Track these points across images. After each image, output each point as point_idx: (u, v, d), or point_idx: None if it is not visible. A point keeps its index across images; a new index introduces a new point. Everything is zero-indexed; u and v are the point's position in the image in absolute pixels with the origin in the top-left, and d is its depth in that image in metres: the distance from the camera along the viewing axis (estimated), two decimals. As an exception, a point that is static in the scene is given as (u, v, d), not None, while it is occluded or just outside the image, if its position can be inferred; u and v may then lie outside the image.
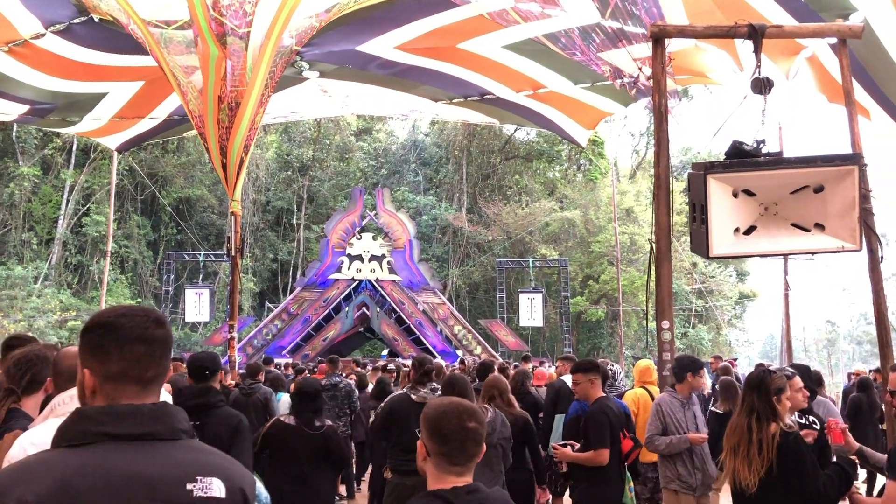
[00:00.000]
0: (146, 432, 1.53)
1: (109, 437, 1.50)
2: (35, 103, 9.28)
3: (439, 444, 2.14)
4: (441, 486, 2.11)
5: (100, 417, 1.52)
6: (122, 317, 1.64)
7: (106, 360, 1.59)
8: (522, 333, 28.18)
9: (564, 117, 10.35)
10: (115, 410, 1.53)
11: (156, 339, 1.63)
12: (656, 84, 4.31)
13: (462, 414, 2.18)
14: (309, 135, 39.93)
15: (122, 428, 1.51)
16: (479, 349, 23.13)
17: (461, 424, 2.15)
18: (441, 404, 2.25)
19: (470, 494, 2.09)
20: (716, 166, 3.90)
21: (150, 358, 1.61)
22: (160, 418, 1.56)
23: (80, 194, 32.54)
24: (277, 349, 23.13)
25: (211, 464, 1.59)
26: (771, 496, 3.61)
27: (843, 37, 4.51)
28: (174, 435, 1.57)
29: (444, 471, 2.14)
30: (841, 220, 3.87)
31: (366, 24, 8.02)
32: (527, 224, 34.99)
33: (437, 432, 2.15)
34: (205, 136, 7.73)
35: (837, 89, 5.51)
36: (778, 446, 3.59)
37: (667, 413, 5.47)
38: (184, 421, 1.61)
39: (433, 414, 2.20)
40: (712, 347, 34.92)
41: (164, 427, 1.56)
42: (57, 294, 29.25)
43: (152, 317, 1.66)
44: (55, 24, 7.84)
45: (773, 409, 3.70)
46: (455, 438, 2.14)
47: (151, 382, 1.62)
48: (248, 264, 35.01)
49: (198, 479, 1.53)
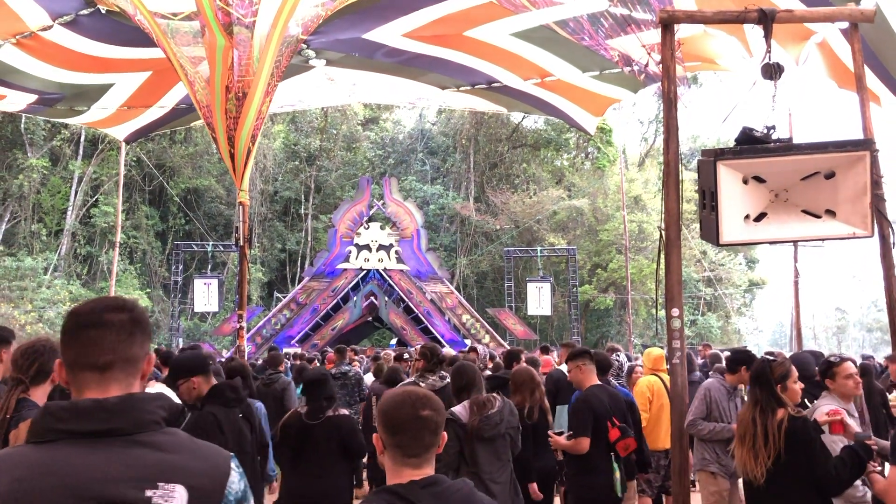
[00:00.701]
0: (109, 429, 1.48)
1: (70, 435, 1.47)
2: (43, 93, 9.30)
3: (392, 435, 2.05)
4: (398, 481, 2.01)
5: (62, 414, 1.49)
6: (86, 304, 1.63)
7: (65, 347, 1.59)
8: (531, 322, 28.20)
9: (572, 105, 10.29)
10: (78, 407, 1.50)
11: (111, 324, 1.58)
12: (665, 70, 4.27)
13: (416, 402, 2.08)
14: (316, 124, 39.93)
15: (82, 425, 1.48)
16: (487, 338, 23.16)
17: (414, 413, 2.06)
18: (395, 394, 2.15)
19: (426, 488, 1.99)
20: (726, 153, 3.87)
21: (101, 342, 1.56)
22: (124, 412, 1.50)
23: (88, 185, 32.65)
24: (286, 339, 23.22)
25: (177, 466, 1.51)
26: (780, 484, 3.62)
27: (855, 21, 4.46)
28: (141, 427, 1.51)
29: (400, 463, 2.05)
30: (852, 206, 3.83)
31: (372, 12, 7.98)
32: (534, 213, 34.94)
33: (390, 423, 2.06)
34: (212, 126, 7.73)
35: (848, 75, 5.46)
36: (786, 431, 3.59)
37: (714, 399, 5.51)
38: (156, 411, 1.55)
39: (386, 404, 2.11)
40: (721, 336, 34.89)
41: (129, 421, 1.50)
42: (67, 285, 29.39)
43: (113, 303, 1.63)
44: (62, 16, 7.84)
45: (777, 398, 3.70)
46: (409, 428, 2.04)
47: (109, 368, 1.56)
48: (257, 254, 35.11)
49: (159, 485, 1.47)
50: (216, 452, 1.63)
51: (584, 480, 5.14)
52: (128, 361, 1.59)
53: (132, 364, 1.61)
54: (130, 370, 1.60)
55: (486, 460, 4.57)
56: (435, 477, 2.05)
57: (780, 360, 3.95)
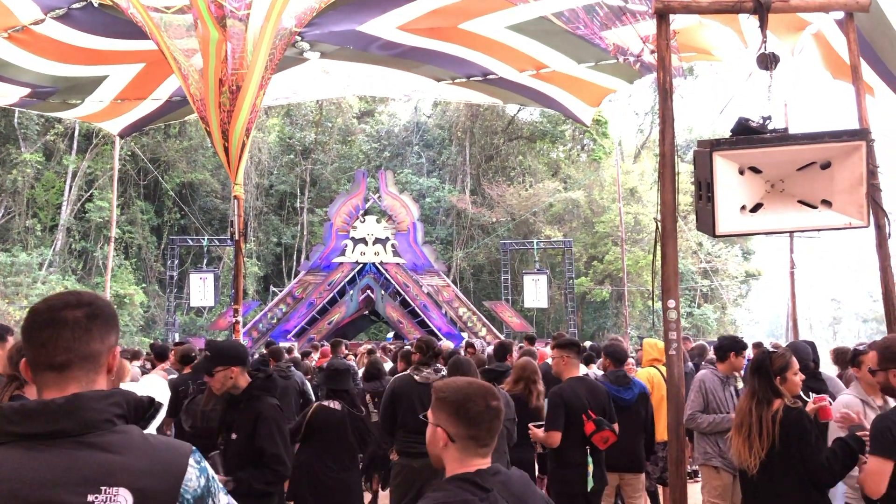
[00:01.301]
0: (53, 430, 1.45)
1: (18, 437, 1.45)
2: (36, 87, 9.26)
3: (467, 427, 2.04)
4: (465, 470, 2.02)
5: (12, 416, 1.47)
6: (43, 302, 1.60)
7: (25, 346, 1.57)
8: (527, 315, 28.22)
9: (568, 95, 10.27)
10: (26, 408, 1.47)
11: (65, 322, 1.54)
12: (661, 61, 4.26)
13: (486, 394, 2.10)
14: (311, 118, 39.82)
15: (28, 427, 1.45)
16: (483, 331, 23.18)
17: (487, 404, 2.07)
18: (460, 386, 2.14)
19: (495, 476, 2.03)
20: (722, 143, 3.86)
21: (56, 342, 1.53)
22: (70, 413, 1.47)
23: (82, 180, 32.55)
24: (282, 333, 23.20)
25: (122, 468, 1.47)
26: (774, 474, 3.64)
27: (850, 10, 4.45)
28: (88, 428, 1.48)
29: (472, 454, 2.05)
30: (848, 197, 3.83)
31: (367, 4, 7.95)
32: (531, 205, 34.92)
33: (465, 415, 2.05)
34: (206, 119, 7.70)
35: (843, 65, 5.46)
36: (780, 422, 3.61)
37: (710, 390, 5.45)
38: (107, 409, 1.51)
39: (456, 396, 2.09)
40: (718, 327, 34.95)
41: (75, 422, 1.47)
42: (62, 280, 29.33)
43: (70, 300, 1.59)
44: (54, 10, 7.79)
45: (774, 389, 3.72)
46: (484, 419, 2.05)
47: (67, 367, 1.53)
48: (252, 248, 35.06)
49: (102, 489, 1.44)
50: (172, 449, 1.59)
51: (558, 474, 5.13)
52: (86, 359, 1.56)
53: (91, 361, 1.57)
54: (90, 367, 1.57)
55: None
56: (497, 466, 2.09)
57: (781, 351, 3.96)
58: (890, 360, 3.46)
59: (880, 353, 3.54)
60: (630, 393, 5.96)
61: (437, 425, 2.09)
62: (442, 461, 2.10)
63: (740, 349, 5.66)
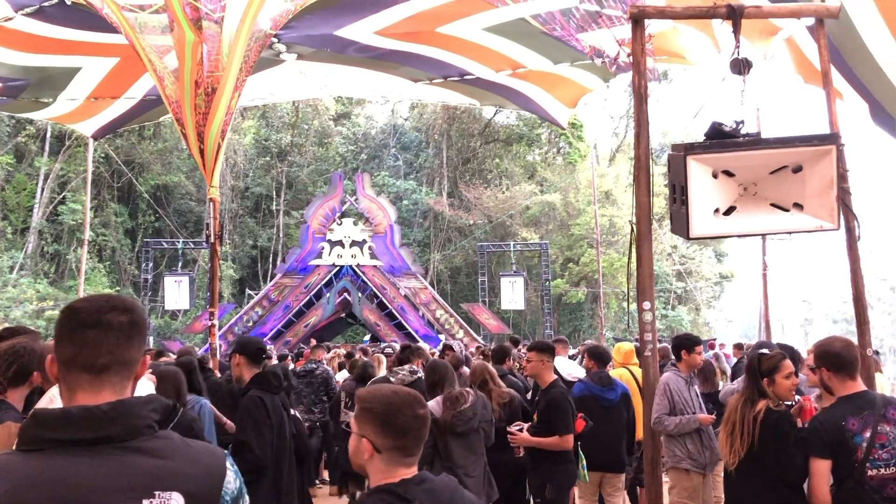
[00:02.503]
0: (100, 437, 1.45)
1: (61, 444, 1.43)
2: (6, 80, 9.09)
3: (395, 438, 1.99)
4: (389, 481, 1.97)
5: (52, 422, 1.45)
6: (84, 301, 1.59)
7: (61, 344, 1.54)
8: (504, 316, 28.29)
9: (545, 94, 10.32)
10: (68, 415, 1.46)
11: (110, 325, 1.54)
12: (636, 66, 4.31)
13: (413, 403, 2.04)
14: (287, 120, 39.64)
15: (73, 433, 1.44)
16: (461, 333, 23.20)
17: (414, 413, 2.02)
18: (385, 395, 2.07)
19: (420, 485, 1.96)
20: (696, 147, 3.91)
21: (100, 344, 1.52)
22: (116, 419, 1.46)
23: (55, 182, 32.12)
24: (259, 336, 23.05)
25: (173, 473, 1.49)
26: (750, 473, 3.70)
27: (821, 17, 4.53)
28: (133, 434, 1.48)
29: (397, 464, 2.00)
30: (819, 200, 3.90)
31: (344, 9, 7.94)
32: (507, 207, 35.03)
33: (392, 425, 1.99)
34: (182, 121, 7.64)
35: (814, 70, 5.55)
36: (761, 423, 3.67)
37: (674, 391, 5.41)
38: (148, 415, 1.51)
39: (382, 407, 2.02)
40: (692, 328, 35.24)
41: (121, 428, 1.46)
42: (33, 283, 28.91)
43: (113, 303, 1.58)
44: (25, 8, 7.69)
45: (760, 390, 3.78)
46: (411, 429, 2.00)
47: (105, 371, 1.53)
48: (228, 251, 34.81)
49: (156, 493, 1.45)
50: (211, 453, 1.61)
51: (561, 469, 5.23)
52: (124, 364, 1.56)
53: (128, 367, 1.58)
54: (125, 373, 1.57)
55: (460, 454, 4.60)
56: (423, 474, 2.03)
57: (772, 353, 3.99)
58: (821, 359, 3.56)
59: (815, 354, 3.65)
60: (613, 393, 6.03)
61: (363, 436, 2.02)
62: (366, 472, 2.05)
63: (692, 346, 5.70)
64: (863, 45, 5.77)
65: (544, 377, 5.38)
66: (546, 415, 5.22)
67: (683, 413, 5.35)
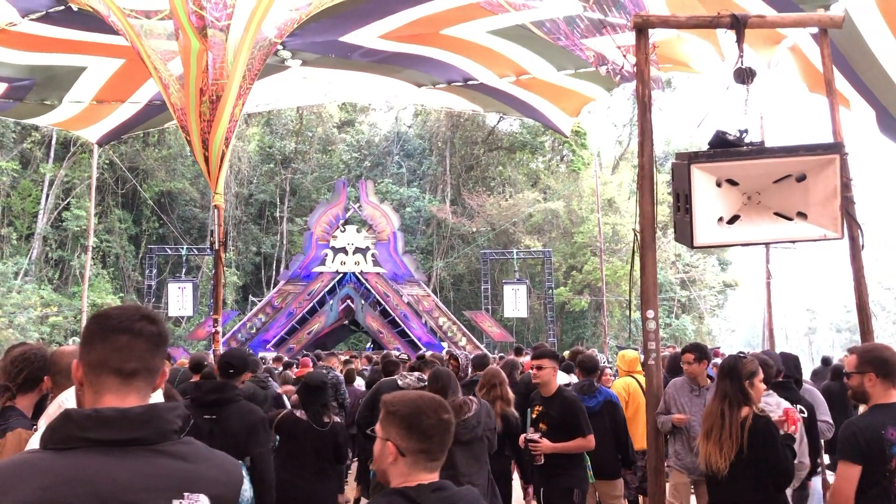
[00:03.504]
0: (132, 438, 1.50)
1: (92, 443, 1.47)
2: (12, 80, 9.11)
3: (419, 441, 2.01)
4: (406, 484, 1.98)
5: (84, 422, 1.49)
6: (115, 309, 1.65)
7: (91, 348, 1.59)
8: (507, 324, 28.25)
9: (548, 104, 10.34)
10: (101, 415, 1.50)
11: (141, 332, 1.61)
12: (640, 74, 4.32)
13: (438, 408, 2.07)
14: (291, 127, 39.72)
15: (105, 434, 1.48)
16: (463, 341, 23.17)
17: (440, 417, 2.05)
18: (412, 399, 2.10)
19: (436, 492, 1.97)
20: (700, 156, 3.91)
21: (131, 349, 1.59)
22: (148, 422, 1.53)
23: (60, 189, 32.19)
24: (262, 343, 23.07)
25: (200, 476, 1.55)
26: (742, 477, 3.77)
27: (824, 26, 4.54)
28: (163, 437, 1.54)
29: (421, 468, 2.01)
30: (823, 209, 3.90)
31: (349, 16, 7.97)
32: (510, 215, 35.04)
33: (417, 429, 2.01)
34: (187, 129, 7.66)
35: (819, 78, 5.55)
36: (749, 429, 3.75)
37: (671, 395, 5.56)
38: (175, 420, 1.58)
39: (407, 410, 2.04)
40: (695, 337, 35.18)
41: (152, 431, 1.53)
42: (38, 290, 28.96)
43: (144, 313, 1.65)
44: (32, 13, 7.74)
45: (745, 394, 3.86)
46: (436, 433, 2.03)
47: (133, 376, 1.59)
48: (232, 258, 34.84)
49: (185, 495, 1.51)
50: (230, 460, 1.68)
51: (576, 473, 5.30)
52: (150, 372, 1.63)
53: (153, 375, 1.64)
54: (150, 381, 1.64)
55: (464, 463, 4.59)
56: (444, 483, 2.04)
57: (751, 357, 4.08)
58: (871, 364, 3.52)
59: (863, 357, 3.60)
60: (594, 401, 6.02)
61: (387, 439, 2.04)
62: (387, 476, 2.06)
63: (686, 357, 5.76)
64: (868, 52, 5.78)
65: (552, 384, 5.39)
66: (564, 419, 5.23)
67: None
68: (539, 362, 5.43)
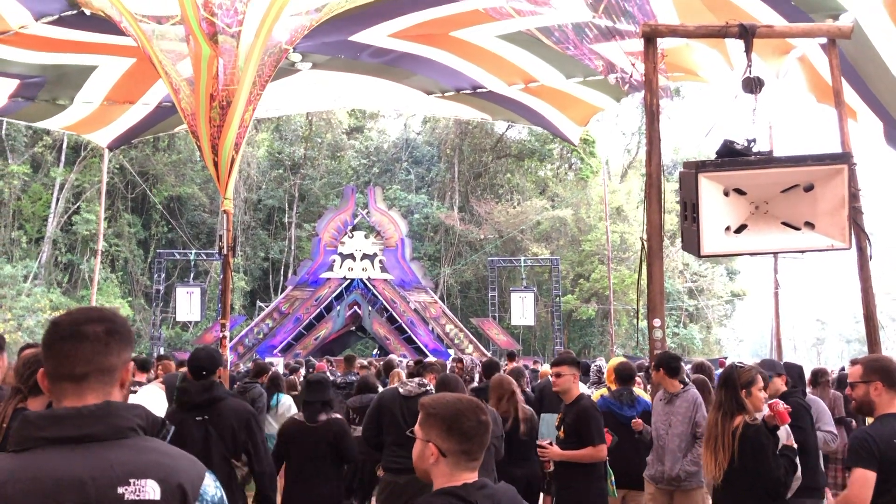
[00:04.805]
0: (84, 434, 1.53)
1: (48, 441, 1.51)
2: (24, 77, 9.17)
3: (460, 442, 2.07)
4: (451, 484, 2.05)
5: (39, 422, 1.54)
6: (65, 315, 1.68)
7: (45, 357, 1.64)
8: (514, 332, 28.22)
9: (556, 112, 10.34)
10: (55, 414, 1.55)
11: (86, 336, 1.62)
12: (648, 83, 4.33)
13: (476, 409, 2.14)
14: (300, 133, 39.87)
15: (59, 431, 1.52)
16: (470, 348, 23.16)
17: (478, 419, 2.11)
18: (450, 402, 2.17)
19: (481, 490, 2.04)
20: (707, 165, 3.92)
21: (77, 355, 1.60)
22: (101, 418, 1.55)
23: (70, 192, 32.39)
24: (269, 348, 23.11)
25: (148, 464, 1.56)
26: (736, 485, 3.78)
27: (833, 37, 4.55)
28: (118, 434, 1.56)
29: (462, 468, 2.08)
30: (831, 219, 3.89)
31: (358, 17, 8.02)
32: (518, 223, 35.04)
33: (458, 430, 2.07)
34: (197, 134, 7.69)
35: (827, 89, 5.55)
36: (740, 438, 3.75)
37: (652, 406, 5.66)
38: (132, 419, 1.59)
39: (448, 412, 2.11)
40: (703, 347, 35.08)
41: (106, 427, 1.55)
42: (47, 293, 29.10)
43: (92, 315, 1.67)
44: (45, 16, 7.83)
45: (740, 403, 3.86)
46: (476, 434, 2.09)
47: (85, 379, 1.60)
48: (240, 263, 34.93)
49: (131, 481, 1.52)
50: (190, 457, 1.68)
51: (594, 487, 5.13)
52: (103, 372, 1.63)
53: (108, 374, 1.64)
54: (106, 379, 1.64)
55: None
56: (483, 480, 2.11)
57: (747, 367, 4.06)
58: (877, 372, 3.51)
59: (868, 367, 3.59)
60: (633, 410, 5.98)
61: (428, 440, 2.10)
62: (429, 476, 2.12)
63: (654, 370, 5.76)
64: (879, 61, 5.75)
65: (573, 391, 5.25)
66: (577, 427, 5.10)
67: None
68: (558, 369, 5.31)
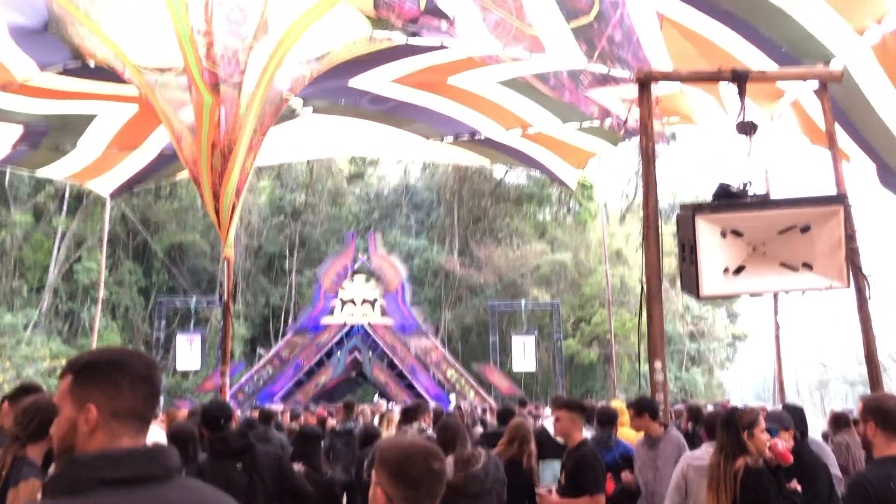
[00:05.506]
0: (142, 475, 1.52)
1: (105, 483, 1.47)
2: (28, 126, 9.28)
3: (405, 489, 1.97)
4: None
5: (94, 463, 1.49)
6: (126, 356, 1.66)
7: (117, 396, 1.58)
8: (516, 377, 28.03)
9: (554, 157, 10.47)
10: (110, 455, 1.51)
11: (158, 381, 1.68)
12: (643, 128, 4.40)
13: (428, 455, 2.03)
14: (301, 180, 40.13)
15: (118, 472, 1.49)
16: (472, 393, 22.99)
17: (429, 466, 2.00)
18: (401, 445, 2.09)
19: None
20: (704, 207, 3.96)
21: (153, 398, 1.64)
22: (155, 459, 1.56)
23: (71, 241, 32.47)
24: (269, 395, 22.94)
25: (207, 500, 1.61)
26: None
27: (824, 80, 4.63)
28: (168, 474, 1.56)
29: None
30: (828, 260, 3.92)
31: (358, 64, 8.17)
32: (518, 266, 35.07)
33: (404, 476, 1.98)
34: (198, 181, 7.78)
35: (820, 132, 5.63)
36: (741, 481, 3.70)
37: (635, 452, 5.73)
38: (175, 459, 1.61)
39: (395, 456, 2.02)
40: (705, 390, 34.80)
41: (160, 467, 1.55)
42: (47, 342, 28.98)
43: (150, 360, 1.70)
44: (50, 67, 7.97)
45: (741, 445, 3.82)
46: (423, 482, 1.99)
47: (148, 423, 1.64)
48: (240, 310, 34.83)
49: None
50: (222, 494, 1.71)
51: None
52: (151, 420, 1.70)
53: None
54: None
55: (475, 517, 4.51)
56: None
57: (749, 408, 4.03)
58: (871, 413, 3.48)
59: (865, 406, 3.58)
60: (610, 455, 5.90)
61: (378, 485, 2.03)
62: None
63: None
64: (868, 106, 5.84)
65: (574, 436, 5.10)
66: (575, 474, 4.99)
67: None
68: (557, 413, 5.21)
